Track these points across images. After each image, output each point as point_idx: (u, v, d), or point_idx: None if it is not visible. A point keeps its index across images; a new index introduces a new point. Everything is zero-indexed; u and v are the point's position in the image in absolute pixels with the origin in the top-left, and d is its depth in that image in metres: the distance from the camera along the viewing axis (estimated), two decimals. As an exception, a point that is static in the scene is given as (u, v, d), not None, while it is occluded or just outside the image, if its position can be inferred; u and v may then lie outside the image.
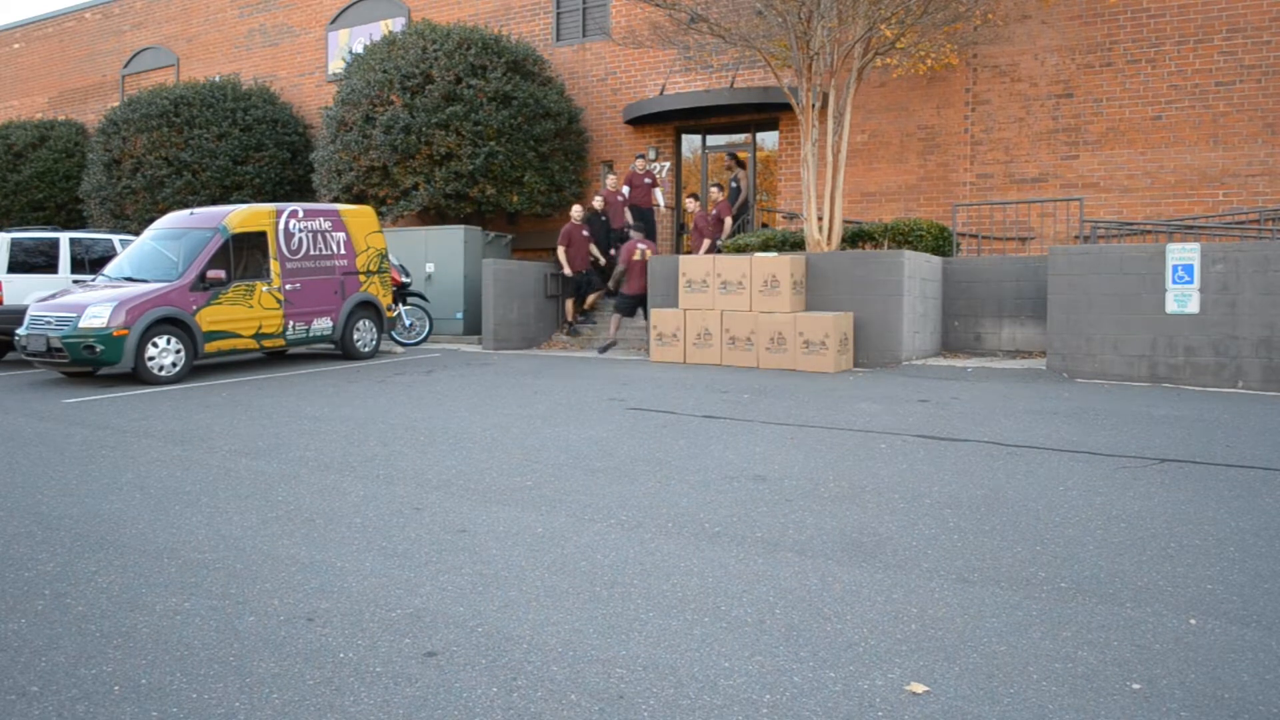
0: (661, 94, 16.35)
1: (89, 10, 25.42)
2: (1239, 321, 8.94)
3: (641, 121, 16.82)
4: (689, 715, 2.61)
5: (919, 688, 2.76)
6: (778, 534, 4.28)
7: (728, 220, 13.69)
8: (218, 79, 20.12)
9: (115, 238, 13.54)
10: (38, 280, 12.07)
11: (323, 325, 11.68)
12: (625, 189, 14.54)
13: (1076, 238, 12.85)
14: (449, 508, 4.78)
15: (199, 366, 11.16)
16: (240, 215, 10.92)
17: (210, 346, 10.42)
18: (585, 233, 13.73)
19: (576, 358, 12.38)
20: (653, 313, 11.68)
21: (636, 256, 12.61)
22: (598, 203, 14.29)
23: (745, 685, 2.79)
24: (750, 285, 10.93)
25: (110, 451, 6.29)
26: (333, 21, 20.72)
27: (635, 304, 12.78)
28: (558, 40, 18.01)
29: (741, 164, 16.29)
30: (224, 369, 11.23)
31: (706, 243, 13.21)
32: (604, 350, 12.61)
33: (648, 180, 14.87)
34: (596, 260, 13.99)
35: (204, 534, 4.36)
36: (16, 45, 27.17)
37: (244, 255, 10.83)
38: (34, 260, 12.42)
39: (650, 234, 15.14)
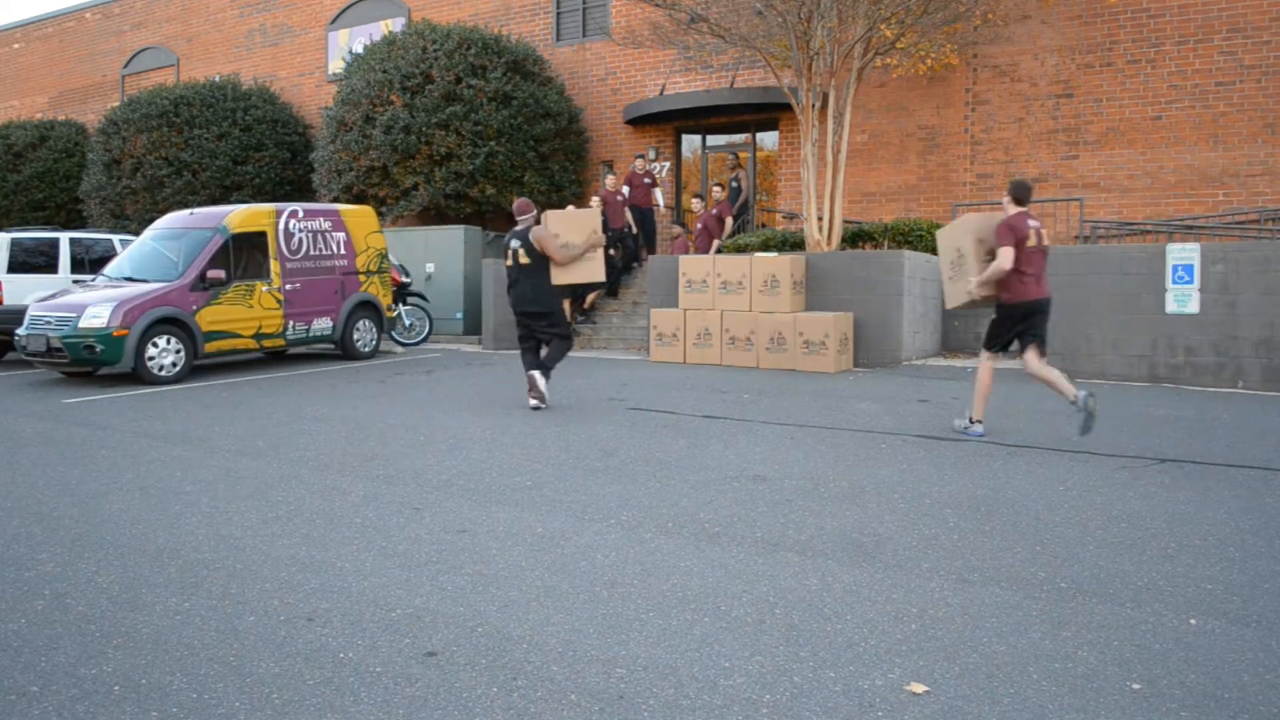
0: (661, 94, 16.35)
1: (89, 10, 25.42)
2: (1239, 321, 8.94)
3: (641, 121, 16.82)
4: (689, 715, 2.61)
5: (919, 688, 2.76)
6: (778, 534, 4.28)
7: (728, 220, 13.69)
8: (218, 79, 20.12)
9: (115, 238, 13.53)
10: (38, 280, 12.07)
11: (323, 325, 11.67)
12: (625, 189, 14.53)
13: (1076, 238, 12.85)
14: (449, 508, 4.78)
15: (199, 366, 11.15)
16: (240, 215, 10.92)
17: (210, 346, 10.41)
18: None
19: (577, 358, 12.37)
20: (652, 312, 11.67)
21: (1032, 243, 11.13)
22: (595, 203, 14.28)
23: (745, 685, 2.79)
24: (750, 285, 10.93)
25: (110, 451, 6.29)
26: (333, 21, 20.72)
27: None
28: (558, 40, 18.01)
29: (740, 164, 16.29)
30: (224, 369, 11.23)
31: (716, 243, 13.19)
32: None
33: (647, 180, 14.86)
34: None
35: (204, 534, 4.36)
36: (16, 45, 27.17)
37: (244, 255, 10.82)
38: (34, 260, 12.42)
39: (650, 235, 15.13)
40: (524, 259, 7.76)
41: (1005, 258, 6.43)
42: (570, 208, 10.01)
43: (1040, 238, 6.63)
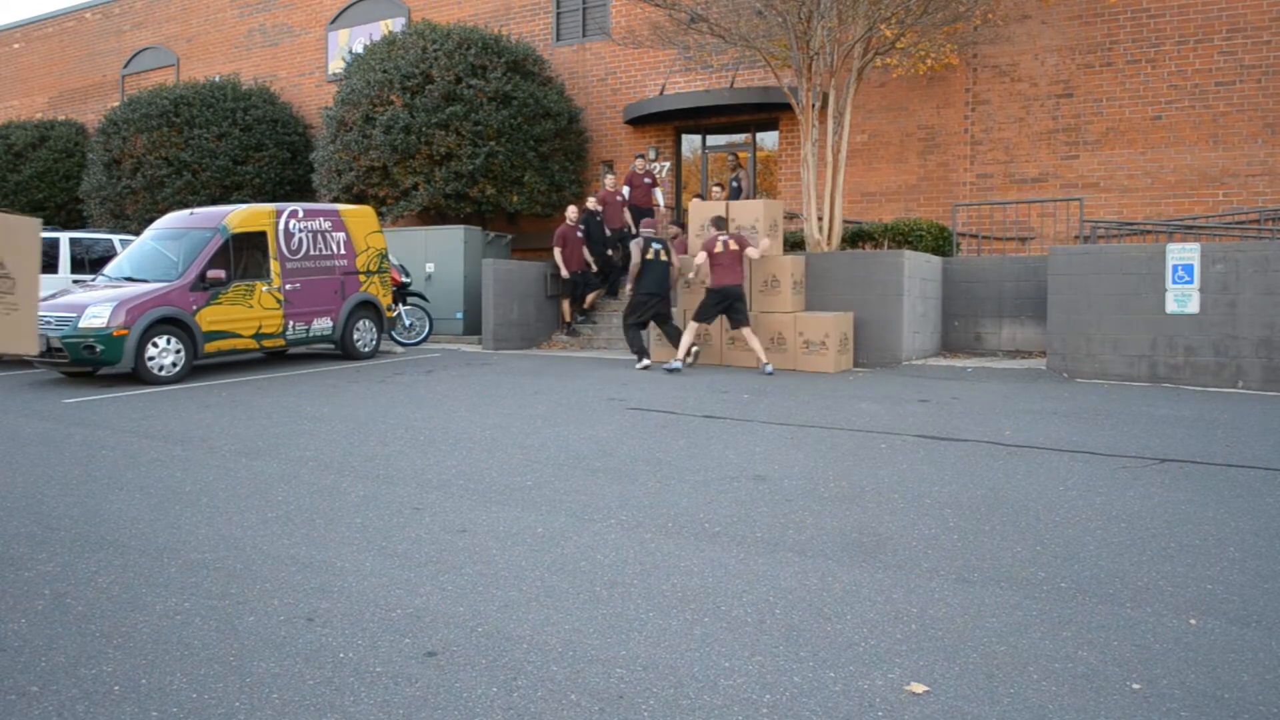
0: (661, 94, 16.35)
1: (89, 10, 25.41)
2: (1239, 321, 8.94)
3: (641, 121, 16.82)
4: (689, 715, 2.61)
5: (919, 688, 2.76)
6: (778, 534, 4.28)
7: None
8: (218, 79, 20.11)
9: (115, 238, 13.53)
10: (38, 280, 12.04)
11: (323, 325, 11.67)
12: (625, 189, 14.53)
13: (1076, 238, 12.85)
14: (449, 508, 4.78)
15: (199, 366, 11.15)
16: (240, 215, 10.92)
17: (210, 346, 10.41)
18: (580, 234, 13.71)
19: (577, 358, 12.37)
20: (653, 313, 11.67)
21: (718, 249, 10.45)
22: (592, 203, 14.27)
23: (745, 685, 2.79)
24: (750, 285, 10.93)
25: (110, 451, 6.29)
26: (333, 21, 20.72)
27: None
28: (558, 40, 18.01)
29: (740, 164, 16.29)
30: (224, 369, 11.23)
31: None
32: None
33: (648, 180, 14.85)
34: (589, 264, 13.92)
35: (204, 534, 4.36)
36: (16, 45, 27.17)
37: (244, 255, 10.82)
38: (34, 260, 12.39)
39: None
40: (664, 257, 10.83)
41: (700, 259, 10.44)
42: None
43: (727, 245, 10.19)
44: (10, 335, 3.83)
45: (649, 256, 10.82)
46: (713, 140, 17.01)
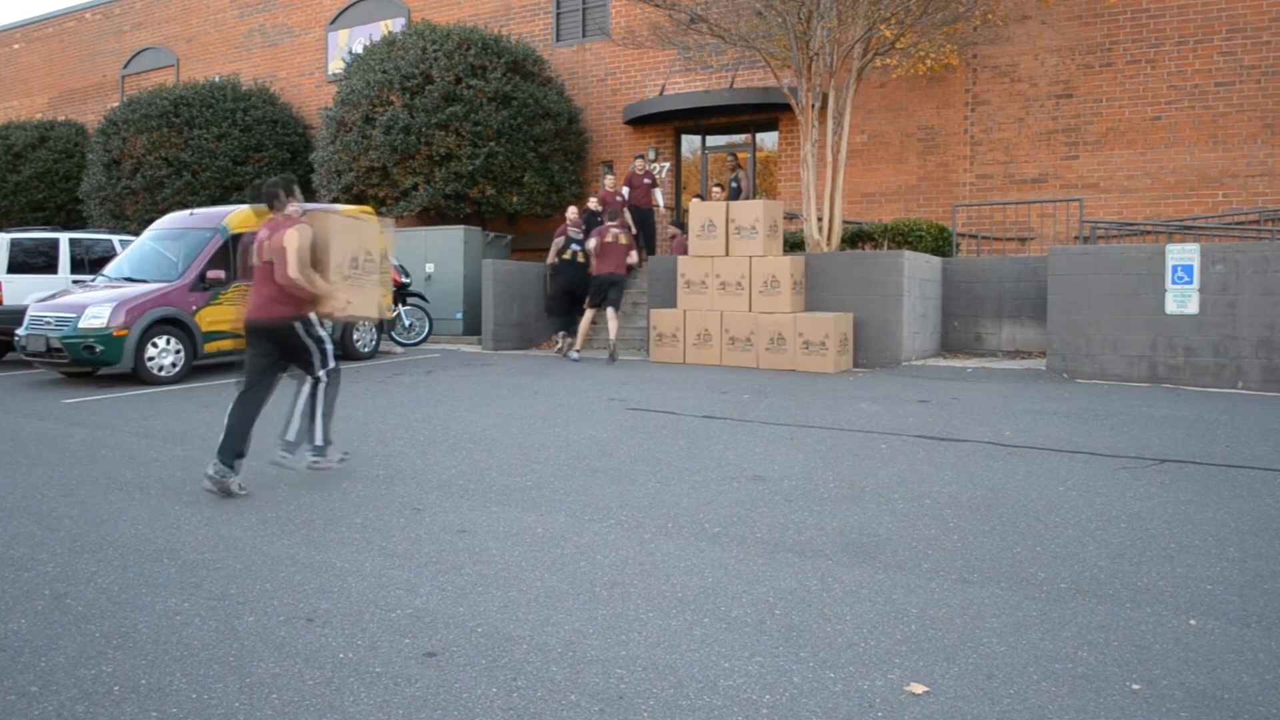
0: (661, 94, 16.35)
1: (89, 10, 25.41)
2: (1239, 322, 8.94)
3: (641, 122, 16.81)
4: (689, 715, 2.61)
5: (919, 688, 2.76)
6: (778, 534, 4.28)
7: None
8: (217, 79, 20.11)
9: (115, 238, 13.53)
10: (38, 280, 12.06)
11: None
12: (625, 190, 14.52)
13: (1076, 238, 12.85)
14: (449, 508, 4.78)
15: (199, 366, 11.14)
16: (240, 215, 10.91)
17: (210, 347, 10.41)
18: None
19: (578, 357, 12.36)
20: (652, 313, 11.67)
21: (609, 239, 11.59)
22: (593, 203, 14.28)
23: (745, 685, 2.79)
24: (750, 285, 10.93)
25: (110, 451, 6.29)
26: (333, 22, 20.72)
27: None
28: (558, 40, 18.01)
29: (739, 164, 16.29)
30: (224, 369, 11.22)
31: None
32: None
33: (647, 181, 14.85)
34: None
35: (204, 534, 4.36)
36: (16, 45, 27.16)
37: (244, 256, 10.82)
38: (34, 260, 12.41)
39: (649, 236, 15.13)
40: (580, 259, 11.77)
41: (591, 243, 11.41)
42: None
43: (617, 240, 11.21)
44: (378, 302, 5.92)
45: (566, 256, 11.68)
46: (712, 140, 17.01)
